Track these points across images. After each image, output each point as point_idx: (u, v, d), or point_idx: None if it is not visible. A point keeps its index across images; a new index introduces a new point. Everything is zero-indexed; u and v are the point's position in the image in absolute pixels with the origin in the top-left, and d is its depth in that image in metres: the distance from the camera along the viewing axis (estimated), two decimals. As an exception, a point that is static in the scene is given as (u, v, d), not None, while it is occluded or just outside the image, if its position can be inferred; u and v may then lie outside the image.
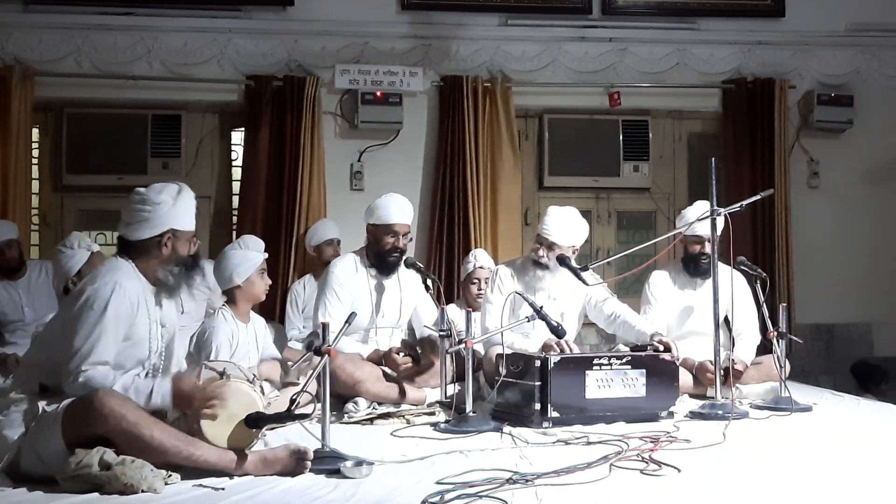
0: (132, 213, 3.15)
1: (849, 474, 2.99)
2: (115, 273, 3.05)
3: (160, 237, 3.13)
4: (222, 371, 3.00)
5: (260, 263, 4.19)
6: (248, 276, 4.15)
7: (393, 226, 4.56)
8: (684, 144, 7.13)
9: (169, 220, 3.14)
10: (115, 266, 3.10)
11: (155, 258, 3.14)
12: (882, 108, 6.98)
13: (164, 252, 3.14)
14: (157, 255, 3.14)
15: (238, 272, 4.14)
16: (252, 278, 4.16)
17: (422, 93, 6.66)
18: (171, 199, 3.16)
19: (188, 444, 2.83)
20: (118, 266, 3.10)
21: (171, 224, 3.15)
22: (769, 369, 4.60)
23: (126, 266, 3.11)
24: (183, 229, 3.19)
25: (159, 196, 3.15)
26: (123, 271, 3.08)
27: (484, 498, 2.66)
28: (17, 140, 6.17)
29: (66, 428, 2.80)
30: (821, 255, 6.81)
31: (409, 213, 4.66)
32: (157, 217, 3.13)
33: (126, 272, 3.08)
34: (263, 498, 2.69)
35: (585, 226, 4.72)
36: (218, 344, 4.01)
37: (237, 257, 4.18)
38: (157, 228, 3.13)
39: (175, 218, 3.16)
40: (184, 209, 3.20)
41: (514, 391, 3.96)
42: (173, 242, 3.16)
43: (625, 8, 6.86)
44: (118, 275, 3.04)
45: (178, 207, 3.17)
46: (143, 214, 3.13)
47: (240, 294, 4.18)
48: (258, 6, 6.52)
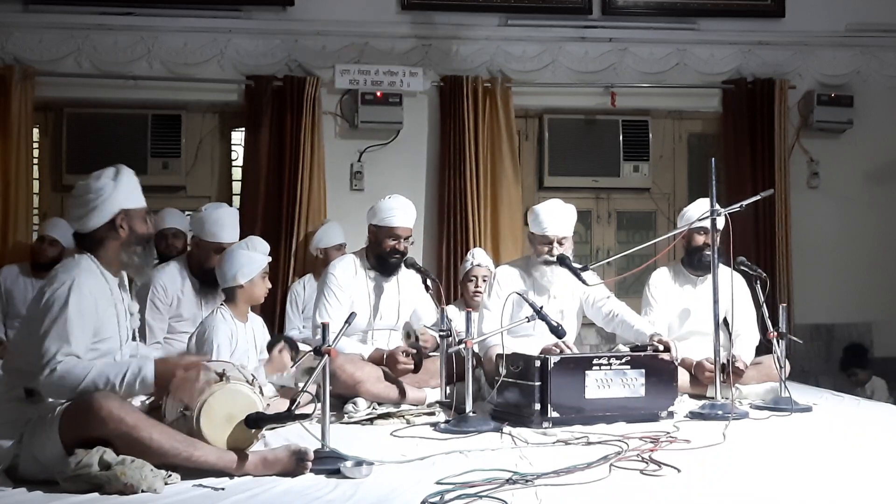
0: (79, 205, 3.11)
1: (849, 474, 2.99)
2: (71, 271, 3.01)
3: (112, 221, 3.10)
4: (222, 372, 2.99)
5: (264, 266, 4.21)
6: (252, 277, 4.16)
7: (395, 229, 4.56)
8: (684, 144, 7.13)
9: (116, 201, 3.10)
10: (73, 264, 3.07)
11: (114, 242, 3.11)
12: (882, 109, 6.98)
13: (122, 234, 3.11)
14: (116, 238, 3.11)
15: (243, 272, 4.15)
16: (255, 280, 4.17)
17: (422, 93, 6.66)
18: (112, 181, 3.12)
19: (188, 445, 2.83)
20: (75, 263, 3.06)
21: (120, 205, 3.11)
22: (769, 369, 4.59)
23: (84, 261, 3.07)
24: (134, 207, 3.15)
25: (99, 182, 3.11)
26: (80, 267, 3.04)
27: (484, 498, 2.66)
28: (18, 140, 6.18)
29: (65, 431, 2.80)
30: (821, 255, 6.81)
31: (413, 217, 4.65)
32: (103, 202, 3.09)
33: (84, 268, 3.05)
34: (263, 498, 2.69)
35: (573, 209, 4.72)
36: (219, 342, 4.01)
37: (243, 257, 4.18)
38: (108, 213, 3.09)
39: (122, 199, 3.12)
40: (128, 188, 3.15)
41: (514, 391, 3.96)
42: (128, 222, 3.12)
43: (625, 8, 6.86)
44: (74, 272, 3.00)
45: (122, 187, 3.13)
46: (89, 204, 3.09)
47: (241, 294, 4.19)
48: (258, 6, 6.53)
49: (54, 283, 2.98)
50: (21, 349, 3.02)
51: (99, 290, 3.03)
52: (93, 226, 3.10)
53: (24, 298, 5.61)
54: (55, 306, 2.91)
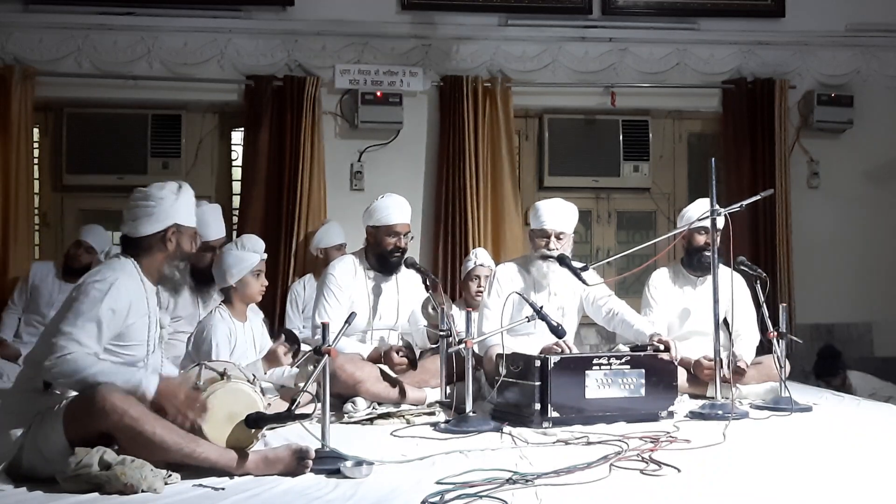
0: (135, 209, 3.16)
1: (849, 474, 2.98)
2: (115, 271, 3.05)
3: (164, 232, 3.15)
4: (223, 371, 3.00)
5: (255, 265, 4.17)
6: (242, 276, 4.15)
7: (394, 226, 4.56)
8: (684, 144, 7.13)
9: (172, 214, 3.16)
10: (118, 265, 3.10)
11: (160, 254, 3.15)
12: (882, 109, 6.98)
13: (169, 247, 3.16)
14: (163, 251, 3.15)
15: (232, 272, 4.14)
16: (246, 279, 4.16)
17: (422, 93, 6.66)
18: (174, 195, 3.18)
19: (189, 441, 2.83)
20: (120, 265, 3.10)
21: (175, 219, 3.16)
22: (769, 369, 4.59)
23: (128, 265, 3.11)
24: (186, 224, 3.20)
25: (162, 192, 3.17)
26: (125, 271, 3.08)
27: (484, 498, 2.66)
28: (18, 140, 6.18)
29: (68, 424, 2.81)
30: (821, 255, 6.81)
31: (408, 212, 4.67)
32: (161, 212, 3.14)
33: (127, 272, 3.08)
34: (264, 498, 2.69)
35: (574, 208, 4.72)
36: (217, 342, 4.01)
37: (232, 257, 4.18)
38: (162, 223, 3.14)
39: (178, 213, 3.18)
40: (186, 205, 3.22)
41: (514, 391, 3.95)
42: (178, 237, 3.17)
43: (625, 8, 6.86)
44: (119, 273, 3.04)
45: (181, 203, 3.19)
46: (146, 210, 3.14)
47: (235, 294, 4.19)
48: (258, 6, 6.53)
49: (96, 277, 3.01)
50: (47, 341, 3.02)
51: (136, 296, 3.06)
52: (144, 232, 3.14)
53: (49, 298, 5.62)
54: (88, 298, 2.93)
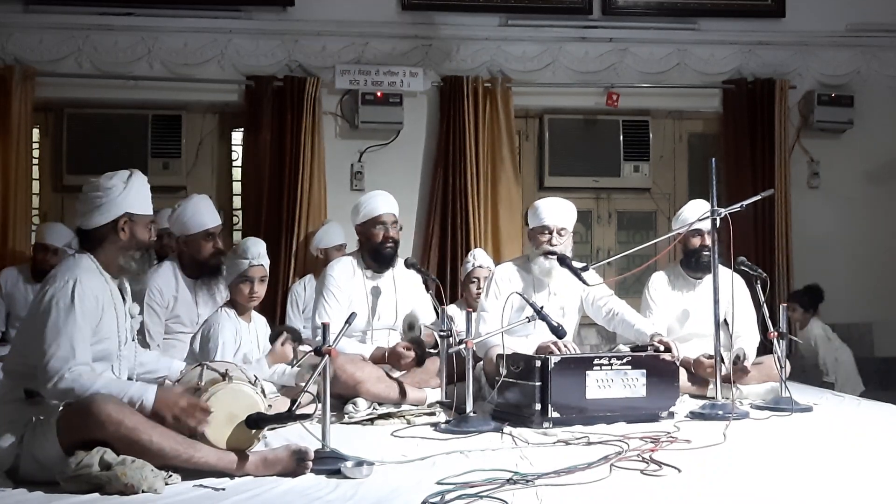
0: (86, 202, 3.12)
1: (849, 474, 2.98)
2: (73, 270, 3.01)
3: (115, 222, 3.10)
4: (224, 372, 2.99)
5: (241, 271, 4.11)
6: (230, 282, 4.16)
7: (380, 216, 4.56)
8: (685, 145, 7.14)
9: (123, 204, 3.10)
10: (74, 263, 3.06)
11: (114, 245, 3.10)
12: (882, 109, 6.99)
13: (123, 237, 3.10)
14: (116, 241, 3.10)
15: (225, 276, 4.16)
16: (234, 285, 4.14)
17: (422, 93, 6.67)
18: (122, 184, 3.12)
19: (188, 446, 2.82)
20: (76, 263, 3.06)
21: (126, 208, 3.11)
22: (769, 369, 4.59)
23: (85, 261, 3.07)
24: (139, 213, 3.15)
25: (110, 182, 3.12)
26: (82, 267, 3.04)
27: (484, 498, 2.66)
28: (18, 140, 6.19)
29: (63, 434, 2.79)
30: (821, 255, 6.81)
31: (393, 204, 4.65)
32: (110, 202, 3.09)
33: (85, 267, 3.04)
34: (264, 498, 2.69)
35: (572, 205, 4.71)
36: (224, 341, 4.01)
37: (227, 262, 4.21)
38: (112, 213, 3.09)
39: (129, 202, 3.12)
40: (137, 193, 3.15)
41: (515, 391, 3.95)
42: (130, 227, 3.12)
43: (625, 8, 6.87)
44: (77, 271, 3.00)
45: (131, 191, 3.13)
46: (95, 201, 3.09)
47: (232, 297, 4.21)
48: (258, 6, 6.53)
49: (56, 283, 2.97)
50: (22, 350, 3.01)
51: (99, 290, 3.03)
52: (95, 224, 3.10)
53: (25, 302, 5.62)
54: (58, 309, 2.90)
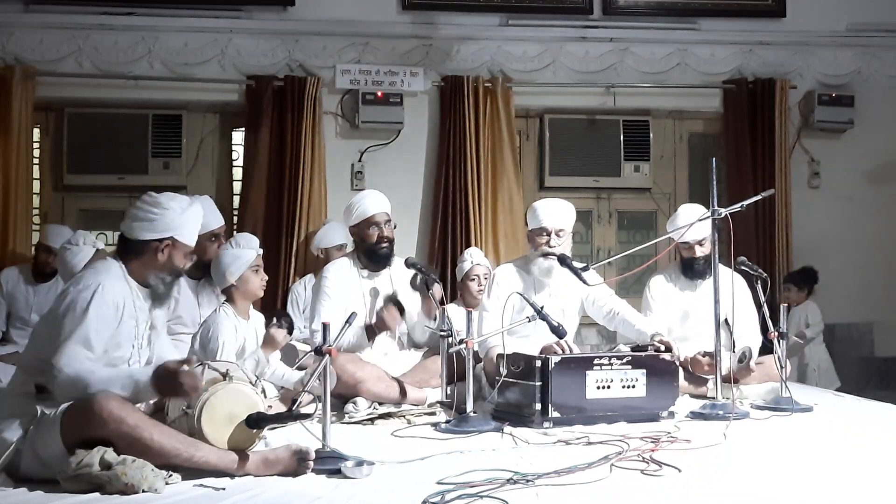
0: (138, 212, 3.14)
1: (849, 474, 2.98)
2: (99, 275, 3.03)
3: (159, 242, 3.12)
4: (225, 372, 2.99)
5: (252, 260, 4.18)
6: (241, 273, 4.16)
7: (372, 216, 4.57)
8: (685, 144, 7.13)
9: (173, 227, 3.14)
10: (102, 268, 3.09)
11: (149, 262, 3.13)
12: (883, 108, 6.99)
13: (160, 258, 3.13)
14: (153, 260, 3.13)
15: (231, 270, 4.15)
16: (245, 276, 4.16)
17: (422, 93, 6.67)
18: (180, 209, 3.15)
19: (188, 445, 2.83)
20: (105, 268, 3.08)
21: (174, 232, 3.14)
22: (770, 369, 4.59)
23: (114, 267, 3.09)
24: (183, 241, 3.18)
25: (170, 202, 3.15)
26: (110, 273, 3.06)
27: (484, 498, 2.66)
28: (18, 140, 6.18)
29: (65, 431, 2.80)
30: (821, 255, 6.80)
31: (385, 202, 4.66)
32: (162, 221, 3.12)
33: (112, 274, 3.06)
34: (264, 498, 2.69)
35: (571, 206, 4.72)
36: (224, 340, 4.02)
37: (228, 256, 4.20)
38: (159, 233, 3.12)
39: (179, 227, 3.15)
40: (190, 221, 3.19)
41: (515, 391, 3.95)
42: (171, 251, 3.15)
43: (625, 8, 6.86)
44: (102, 276, 3.02)
45: (185, 218, 3.17)
46: (148, 216, 3.12)
47: (236, 292, 4.19)
48: (259, 6, 6.53)
49: (80, 284, 2.99)
50: (38, 344, 3.03)
51: (122, 297, 3.04)
52: (139, 236, 3.12)
53: (25, 302, 5.64)
54: (77, 308, 2.92)
